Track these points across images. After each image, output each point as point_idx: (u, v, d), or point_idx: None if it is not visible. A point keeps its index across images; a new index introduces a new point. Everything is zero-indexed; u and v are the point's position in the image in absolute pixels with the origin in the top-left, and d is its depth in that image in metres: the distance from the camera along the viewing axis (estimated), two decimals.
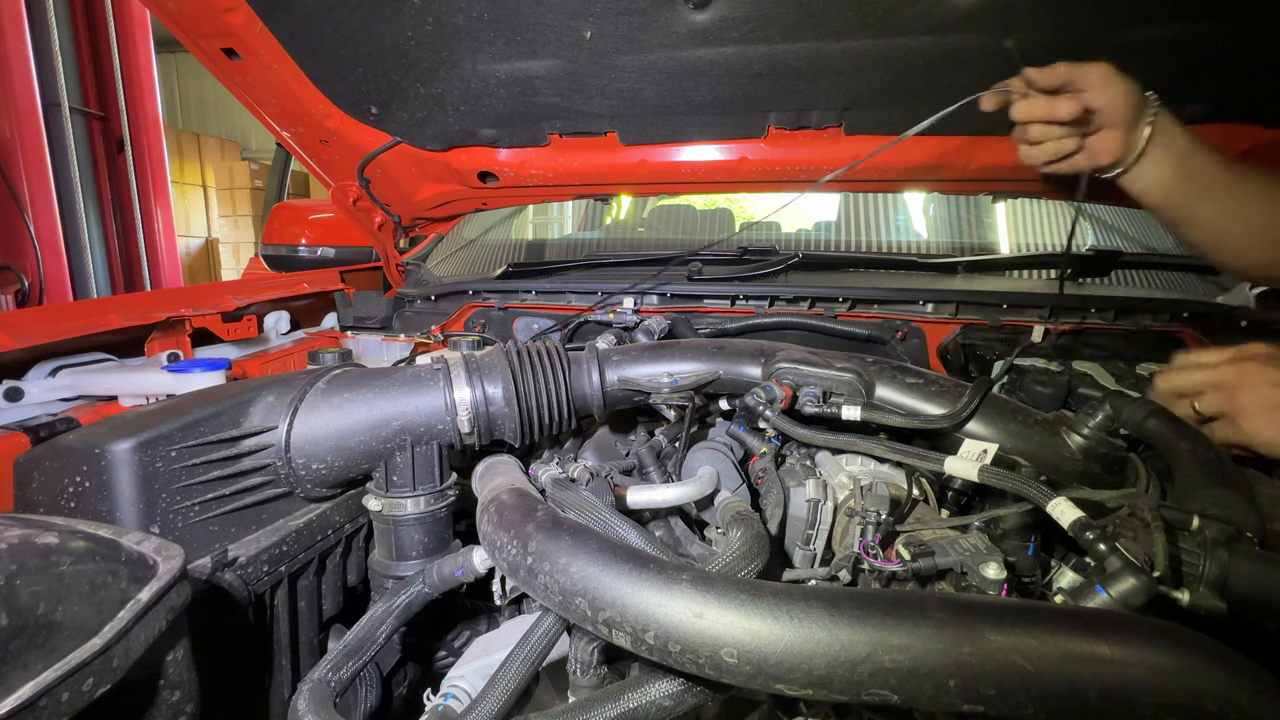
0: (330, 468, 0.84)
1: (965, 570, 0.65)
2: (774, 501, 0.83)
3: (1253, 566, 0.60)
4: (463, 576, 0.80)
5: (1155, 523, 0.62)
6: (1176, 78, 0.97)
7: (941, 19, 0.90)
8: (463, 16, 0.97)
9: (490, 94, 1.15)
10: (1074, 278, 1.51)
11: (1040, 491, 0.64)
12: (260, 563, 0.79)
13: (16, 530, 0.51)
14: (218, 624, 0.73)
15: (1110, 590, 0.55)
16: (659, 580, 0.56)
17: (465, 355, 0.93)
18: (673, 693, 0.61)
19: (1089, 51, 0.94)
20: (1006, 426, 0.85)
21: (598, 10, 0.94)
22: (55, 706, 0.42)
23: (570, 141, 1.29)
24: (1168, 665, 0.48)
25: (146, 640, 0.49)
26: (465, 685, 0.73)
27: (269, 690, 0.83)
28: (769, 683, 0.51)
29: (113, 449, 0.71)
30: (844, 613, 0.51)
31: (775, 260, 1.43)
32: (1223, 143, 1.05)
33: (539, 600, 0.64)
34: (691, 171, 1.32)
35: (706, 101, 1.13)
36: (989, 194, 1.38)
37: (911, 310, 1.28)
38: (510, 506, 0.72)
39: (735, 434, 0.98)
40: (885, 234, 2.25)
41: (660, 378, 0.95)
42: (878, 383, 0.90)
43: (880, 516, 0.72)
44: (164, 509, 0.74)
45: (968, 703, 0.49)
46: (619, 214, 2.74)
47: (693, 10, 0.93)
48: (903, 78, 1.03)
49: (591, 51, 1.02)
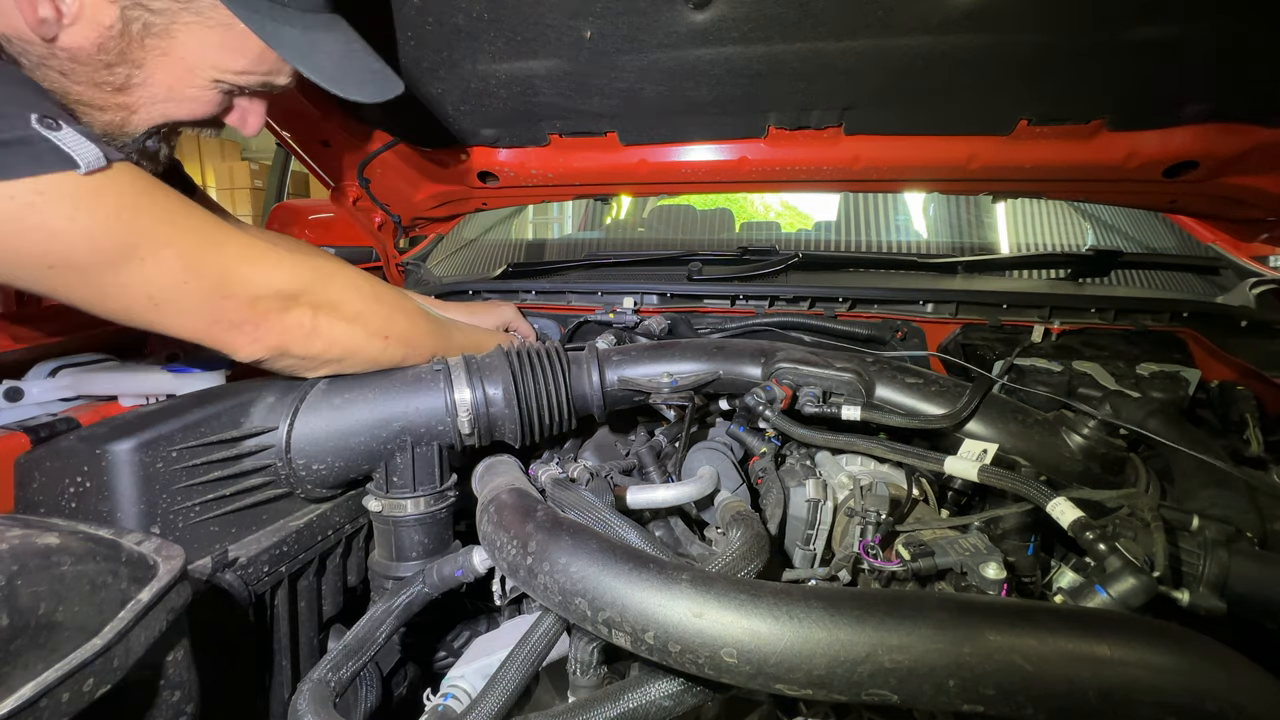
0: (330, 468, 0.84)
1: (965, 570, 0.65)
2: (774, 501, 0.83)
3: (1253, 566, 0.60)
4: (463, 576, 0.80)
5: (1155, 523, 0.62)
6: (1176, 78, 0.97)
7: (941, 19, 0.90)
8: (463, 16, 0.97)
9: (490, 94, 1.15)
10: (1074, 278, 1.51)
11: (1040, 491, 0.64)
12: (260, 563, 0.79)
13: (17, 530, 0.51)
14: (218, 624, 0.73)
15: (1110, 590, 0.56)
16: (659, 580, 0.56)
17: (465, 356, 0.93)
18: (672, 693, 0.61)
19: (1089, 51, 0.94)
20: (1006, 426, 0.85)
21: (598, 10, 0.94)
22: (56, 706, 0.42)
23: (570, 141, 1.29)
24: (1168, 665, 0.48)
25: (147, 640, 0.49)
26: (465, 685, 0.73)
27: (269, 690, 0.83)
28: (769, 683, 0.51)
29: (113, 449, 0.71)
30: (844, 613, 0.51)
31: (775, 260, 1.43)
32: (1223, 143, 1.05)
33: (539, 600, 0.64)
34: (691, 171, 1.32)
35: (706, 101, 1.13)
36: (989, 194, 1.38)
37: (911, 310, 1.28)
38: (510, 506, 0.72)
39: (735, 434, 0.98)
40: (885, 234, 2.25)
41: (660, 378, 0.95)
42: (878, 383, 0.90)
43: (880, 516, 0.72)
44: (164, 509, 0.74)
45: (968, 703, 0.49)
46: (619, 214, 2.74)
47: (693, 10, 0.93)
48: (903, 78, 1.03)
49: (591, 51, 1.02)
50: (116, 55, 0.68)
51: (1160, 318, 1.20)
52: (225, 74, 0.74)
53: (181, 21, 0.69)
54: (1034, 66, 0.98)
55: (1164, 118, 1.05)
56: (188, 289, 0.70)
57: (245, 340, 0.76)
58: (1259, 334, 1.13)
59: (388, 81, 0.84)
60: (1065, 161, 1.15)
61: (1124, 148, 1.10)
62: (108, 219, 0.63)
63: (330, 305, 0.82)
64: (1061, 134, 1.10)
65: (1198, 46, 0.90)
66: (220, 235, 0.73)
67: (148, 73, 0.71)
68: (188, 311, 0.71)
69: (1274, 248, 1.31)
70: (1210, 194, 1.20)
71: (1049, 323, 1.20)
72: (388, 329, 0.88)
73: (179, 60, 0.71)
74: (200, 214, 0.72)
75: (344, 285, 0.84)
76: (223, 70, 0.74)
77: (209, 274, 0.71)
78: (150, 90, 0.73)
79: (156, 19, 0.68)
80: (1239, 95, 0.99)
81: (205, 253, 0.71)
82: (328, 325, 0.82)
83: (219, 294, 0.72)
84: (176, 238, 0.68)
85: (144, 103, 0.73)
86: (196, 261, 0.70)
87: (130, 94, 0.72)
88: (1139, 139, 1.08)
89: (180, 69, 0.72)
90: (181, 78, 0.73)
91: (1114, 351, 1.12)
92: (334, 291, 0.82)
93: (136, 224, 0.66)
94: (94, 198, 0.63)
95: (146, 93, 0.73)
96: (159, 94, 0.73)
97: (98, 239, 0.63)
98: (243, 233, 0.78)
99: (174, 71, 0.72)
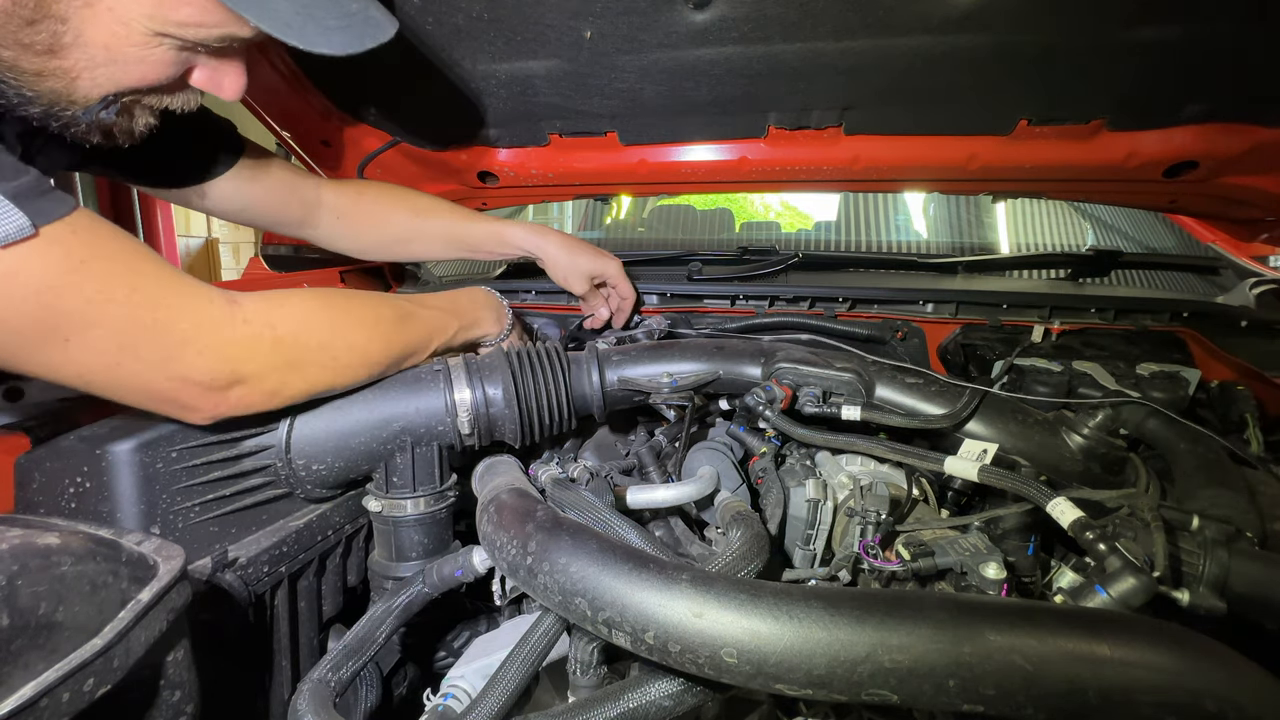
0: (330, 469, 0.84)
1: (965, 570, 0.65)
2: (774, 501, 0.83)
3: (1253, 566, 0.60)
4: (463, 577, 0.80)
5: (1155, 523, 0.62)
6: (1176, 78, 0.97)
7: (941, 19, 0.90)
8: (463, 16, 0.97)
9: (490, 94, 1.15)
10: (1074, 278, 1.51)
11: (1040, 491, 0.64)
12: (260, 563, 0.79)
13: (17, 531, 0.52)
14: (218, 624, 0.73)
15: (1110, 590, 0.56)
16: (659, 580, 0.56)
17: (465, 356, 0.93)
18: (672, 693, 0.61)
19: (1089, 51, 0.94)
20: (1006, 426, 0.85)
21: (598, 10, 0.94)
22: (56, 706, 0.42)
23: (570, 141, 1.29)
24: (1167, 665, 0.48)
25: (147, 640, 0.49)
26: (465, 685, 0.73)
27: (269, 690, 0.83)
28: (769, 683, 0.51)
29: (113, 450, 0.71)
30: (844, 613, 0.51)
31: (775, 260, 1.43)
32: (1223, 142, 1.05)
33: (539, 600, 0.64)
34: (691, 171, 1.32)
35: (706, 101, 1.13)
36: (989, 194, 1.38)
37: (911, 310, 1.28)
38: (510, 506, 0.72)
39: (735, 434, 0.98)
40: (885, 234, 2.25)
41: (660, 378, 0.95)
42: (878, 383, 0.90)
43: (880, 516, 0.72)
44: (164, 510, 0.74)
45: (968, 703, 0.49)
46: (619, 214, 2.74)
47: (693, 10, 0.93)
48: (903, 78, 1.03)
49: (591, 51, 1.02)
50: (34, 8, 0.58)
51: (1160, 318, 1.20)
52: (167, 26, 0.62)
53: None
54: (1034, 66, 0.98)
55: (1164, 118, 1.05)
56: (121, 371, 0.64)
57: (199, 418, 0.71)
58: (1259, 334, 1.12)
59: (367, 26, 0.70)
60: (1065, 161, 1.15)
61: (1124, 148, 1.10)
62: (25, 301, 0.57)
63: (289, 365, 0.75)
64: (1061, 134, 1.10)
65: (1198, 46, 0.90)
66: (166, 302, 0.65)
67: (75, 29, 0.60)
68: (126, 390, 0.66)
69: (1274, 248, 1.32)
70: (1210, 194, 1.20)
71: (1049, 323, 1.20)
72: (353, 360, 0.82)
73: (108, 12, 0.60)
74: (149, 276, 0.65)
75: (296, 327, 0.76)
76: (161, 22, 0.62)
77: (146, 357, 0.64)
78: (86, 51, 0.62)
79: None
80: (1239, 95, 0.99)
81: (142, 333, 0.63)
82: (289, 384, 0.76)
83: (162, 375, 0.66)
84: (109, 315, 0.61)
85: (84, 66, 0.63)
86: (131, 343, 0.63)
87: (64, 56, 0.61)
88: (1139, 139, 1.08)
89: (111, 22, 0.61)
90: (116, 33, 0.62)
91: (1114, 351, 1.12)
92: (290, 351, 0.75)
93: (59, 304, 0.58)
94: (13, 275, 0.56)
95: (83, 54, 0.62)
96: (97, 56, 0.62)
97: (10, 321, 0.57)
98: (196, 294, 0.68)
99: (105, 26, 0.61)
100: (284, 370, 0.75)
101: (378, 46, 0.71)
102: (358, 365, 0.83)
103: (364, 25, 0.70)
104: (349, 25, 0.68)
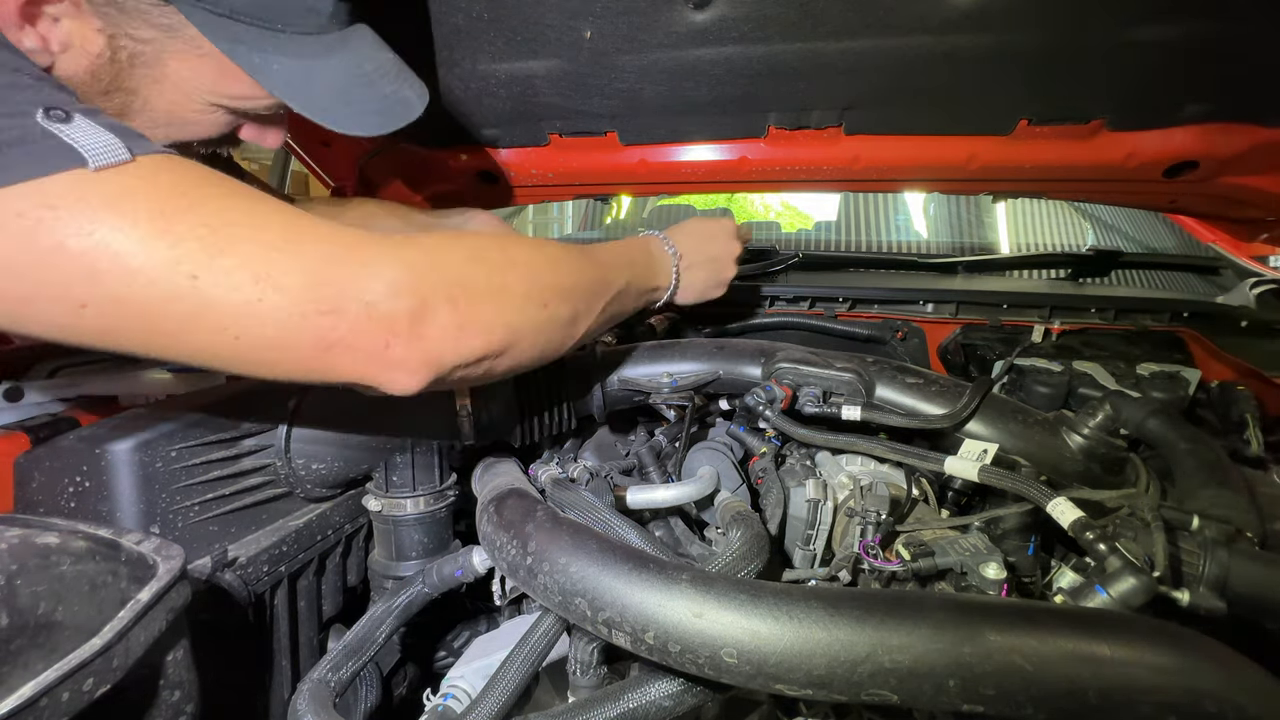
0: (330, 468, 0.84)
1: (965, 570, 0.65)
2: (774, 501, 0.83)
3: (1253, 566, 0.60)
4: (463, 576, 0.80)
5: (1155, 523, 0.62)
6: (1176, 78, 0.97)
7: (941, 19, 0.90)
8: (463, 16, 0.98)
9: (490, 94, 1.15)
10: (1074, 278, 1.51)
11: (1040, 491, 0.64)
12: (260, 563, 0.79)
13: (17, 530, 0.52)
14: (218, 624, 0.73)
15: (1110, 590, 0.55)
16: (659, 580, 0.56)
17: None
18: (672, 693, 0.61)
19: (1089, 51, 0.94)
20: (1006, 426, 0.85)
21: (598, 10, 0.94)
22: (56, 706, 0.42)
23: (570, 141, 1.29)
24: (1167, 665, 0.48)
25: (146, 640, 0.49)
26: (465, 685, 0.73)
27: (269, 690, 0.83)
28: (769, 683, 0.51)
29: (113, 449, 0.71)
30: (844, 613, 0.51)
31: (775, 260, 1.43)
32: (1223, 142, 1.05)
33: (539, 600, 0.64)
34: (691, 171, 1.32)
35: (706, 101, 1.13)
36: (989, 194, 1.38)
37: (911, 310, 1.28)
38: (510, 506, 0.72)
39: (735, 434, 0.98)
40: (885, 234, 2.25)
41: (660, 378, 0.95)
42: (878, 383, 0.90)
43: (880, 516, 0.72)
44: (164, 509, 0.74)
45: (968, 703, 0.49)
46: (619, 214, 2.74)
47: (693, 10, 0.93)
48: (903, 78, 1.03)
49: (591, 51, 1.02)
50: (110, 82, 0.66)
51: (1160, 318, 1.20)
52: (222, 99, 0.71)
53: (170, 50, 0.66)
54: (1034, 66, 0.98)
55: (1164, 118, 1.05)
56: (263, 307, 0.51)
57: (379, 367, 0.56)
58: (1259, 334, 1.13)
59: (398, 107, 0.75)
60: (1065, 161, 1.15)
61: (1124, 148, 1.10)
62: (136, 227, 0.48)
63: (462, 283, 0.60)
64: (1061, 134, 1.10)
65: (1198, 46, 0.90)
66: (297, 226, 0.54)
67: (144, 98, 0.68)
68: (275, 342, 0.53)
69: (1274, 248, 1.32)
70: (1210, 194, 1.20)
71: (1049, 323, 1.20)
72: (540, 290, 0.67)
73: (174, 87, 0.68)
74: (265, 204, 0.55)
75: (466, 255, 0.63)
76: (220, 96, 0.70)
77: (290, 283, 0.52)
78: (151, 116, 0.70)
79: (144, 48, 0.65)
80: (1239, 95, 0.99)
81: (278, 255, 0.52)
82: (472, 310, 0.60)
83: (314, 309, 0.52)
84: (236, 240, 0.51)
85: (147, 126, 0.69)
86: (268, 268, 0.51)
87: (130, 119, 0.68)
88: (1139, 139, 1.08)
89: (176, 95, 0.69)
90: (179, 102, 0.70)
91: (1114, 351, 1.12)
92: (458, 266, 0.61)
93: (174, 229, 0.49)
94: (114, 201, 0.48)
95: (148, 118, 0.70)
96: (159, 118, 0.70)
97: (124, 256, 0.48)
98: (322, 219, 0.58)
99: (170, 97, 0.69)
100: (461, 292, 0.60)
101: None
102: (553, 300, 0.68)
103: (396, 106, 0.76)
104: (382, 109, 0.75)
